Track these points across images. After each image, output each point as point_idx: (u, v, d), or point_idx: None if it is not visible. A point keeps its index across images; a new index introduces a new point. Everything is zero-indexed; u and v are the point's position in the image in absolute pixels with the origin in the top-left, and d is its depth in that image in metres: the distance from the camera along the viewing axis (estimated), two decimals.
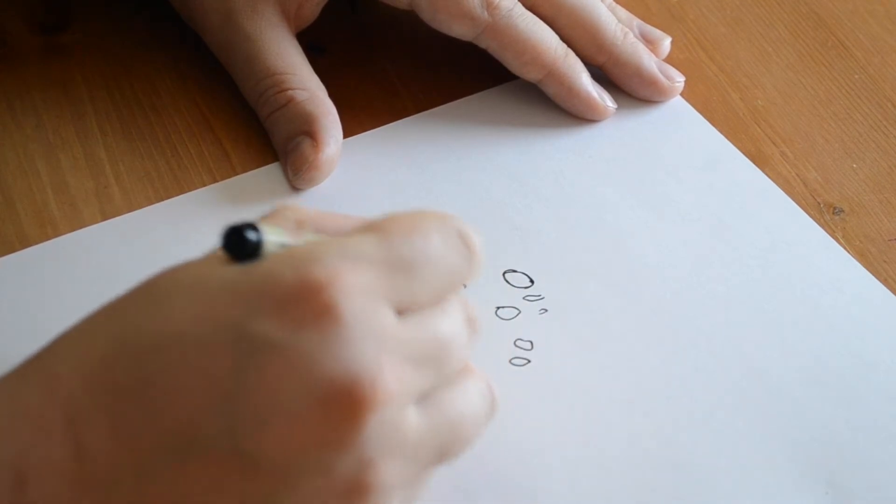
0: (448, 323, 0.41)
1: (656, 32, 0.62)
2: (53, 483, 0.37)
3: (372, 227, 0.40)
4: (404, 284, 0.39)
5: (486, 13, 0.58)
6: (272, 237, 0.39)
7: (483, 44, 0.59)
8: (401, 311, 0.39)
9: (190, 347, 0.37)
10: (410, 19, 0.60)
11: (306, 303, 0.37)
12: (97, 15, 0.65)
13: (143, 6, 0.65)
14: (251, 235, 0.38)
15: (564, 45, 0.60)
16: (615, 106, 0.60)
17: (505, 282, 0.53)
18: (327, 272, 0.37)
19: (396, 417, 0.38)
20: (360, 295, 0.37)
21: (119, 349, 0.37)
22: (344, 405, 0.36)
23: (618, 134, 0.60)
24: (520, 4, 0.59)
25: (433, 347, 0.40)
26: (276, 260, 0.38)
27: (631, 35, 0.61)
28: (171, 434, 0.37)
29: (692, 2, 0.67)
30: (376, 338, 0.37)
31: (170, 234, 0.55)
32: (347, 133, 0.59)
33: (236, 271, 0.38)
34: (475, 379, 0.42)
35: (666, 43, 0.62)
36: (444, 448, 0.41)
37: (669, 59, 0.62)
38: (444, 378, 0.41)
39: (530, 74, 0.59)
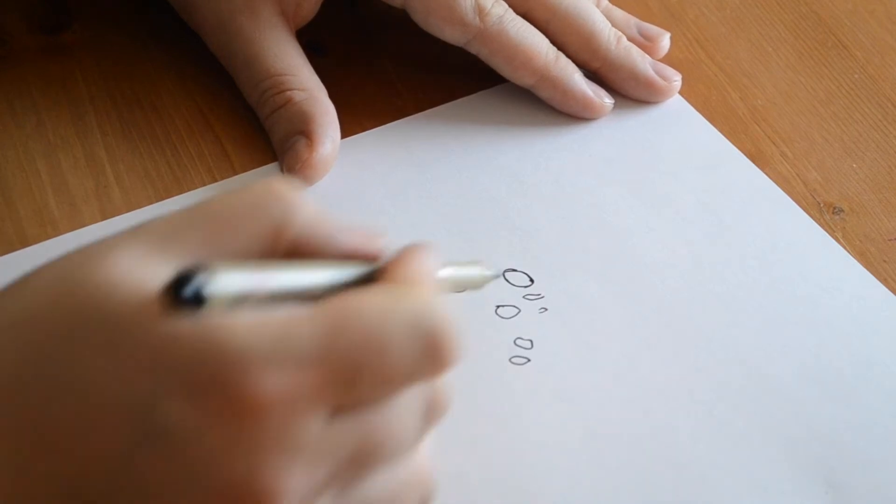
0: (390, 420, 0.37)
1: (655, 29, 0.62)
2: None
3: (328, 313, 0.36)
4: (343, 388, 0.35)
5: (477, 19, 0.58)
6: (223, 290, 0.34)
7: (474, 50, 0.59)
8: (338, 409, 0.36)
9: (93, 406, 0.35)
10: (410, 19, 0.60)
11: (224, 399, 0.34)
12: (97, 15, 0.65)
13: (143, 6, 0.65)
14: (189, 294, 0.34)
15: (555, 49, 0.60)
16: (612, 101, 0.60)
17: (505, 281, 0.53)
18: (254, 372, 0.34)
19: None
20: (280, 406, 0.34)
21: (26, 379, 0.35)
22: None
23: (618, 134, 0.60)
24: (511, 10, 0.59)
25: (363, 448, 0.37)
26: (206, 343, 0.34)
27: (624, 39, 0.61)
28: (59, 480, 0.35)
29: (692, 1, 0.67)
30: (288, 448, 0.35)
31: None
32: (347, 133, 0.59)
33: (163, 334, 0.34)
34: (412, 468, 0.39)
35: (665, 39, 0.62)
36: None
37: (669, 58, 0.62)
38: (371, 473, 0.38)
39: (522, 80, 0.59)
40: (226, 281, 0.34)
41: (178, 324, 0.34)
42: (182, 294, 0.33)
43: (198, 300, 0.34)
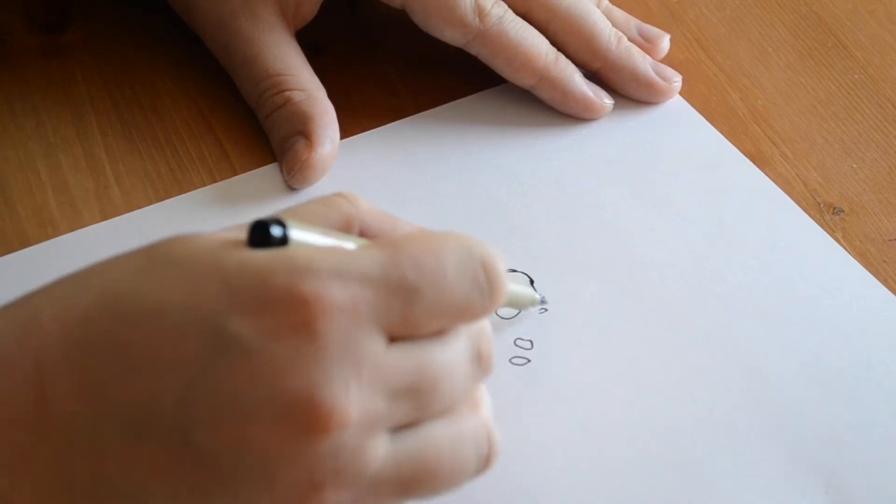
0: (445, 356, 0.39)
1: (655, 31, 0.62)
2: (11, 425, 0.37)
3: (389, 243, 0.39)
4: (401, 309, 0.38)
5: (477, 20, 0.58)
6: (299, 235, 0.39)
7: (474, 51, 0.59)
8: (395, 336, 0.38)
9: (167, 326, 0.37)
10: (410, 19, 0.60)
11: (287, 314, 0.36)
12: (97, 15, 0.65)
13: (143, 6, 0.65)
14: (275, 231, 0.38)
15: (555, 50, 0.60)
16: (612, 102, 0.60)
17: None
18: (316, 287, 0.37)
19: (357, 445, 0.37)
20: (343, 316, 0.37)
21: (102, 307, 0.37)
22: (299, 422, 0.36)
23: (618, 134, 0.60)
24: (510, 11, 0.59)
25: (420, 380, 0.38)
26: (275, 259, 0.37)
27: (625, 39, 0.61)
28: (130, 405, 0.36)
29: (692, 1, 0.67)
30: (350, 363, 0.37)
31: (169, 234, 0.55)
32: (347, 133, 0.59)
33: (235, 259, 0.37)
34: (474, 422, 0.41)
35: (665, 41, 0.62)
36: (407, 486, 0.39)
37: (669, 59, 0.62)
38: (429, 413, 0.39)
39: (522, 80, 0.59)
40: (300, 231, 0.39)
41: (252, 252, 0.38)
42: (265, 232, 0.38)
43: (276, 240, 0.38)
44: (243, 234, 0.39)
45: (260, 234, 0.38)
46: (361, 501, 0.38)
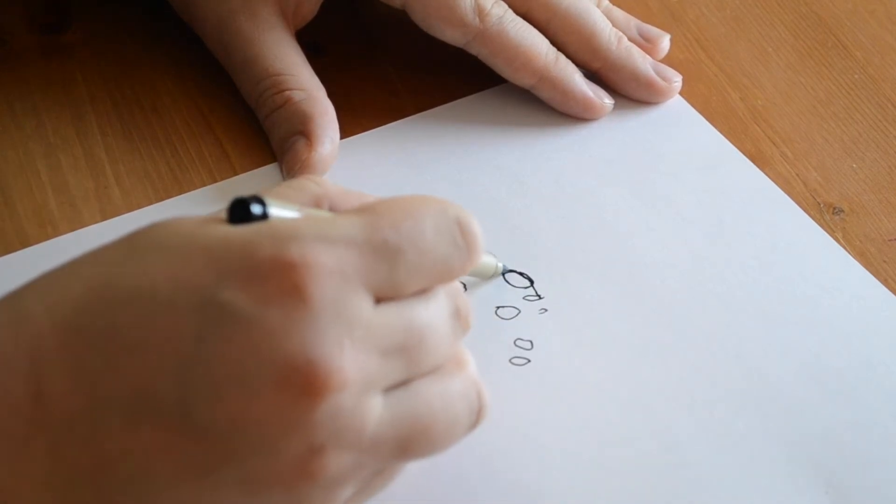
0: (429, 313, 0.40)
1: (655, 31, 0.62)
2: (9, 418, 0.37)
3: (366, 209, 0.40)
4: (385, 270, 0.39)
5: (477, 20, 0.58)
6: (277, 212, 0.39)
7: (474, 50, 0.59)
8: (381, 298, 0.39)
9: (158, 306, 0.37)
10: (410, 19, 0.60)
11: (276, 280, 0.37)
12: (97, 15, 0.65)
13: (143, 6, 0.65)
14: (255, 209, 0.39)
15: (555, 50, 0.60)
16: (612, 102, 0.60)
17: (505, 282, 0.53)
18: (302, 251, 0.37)
19: (354, 406, 0.38)
20: (331, 278, 0.37)
21: (93, 297, 0.37)
22: (298, 386, 0.36)
23: (618, 134, 0.60)
24: (510, 11, 0.59)
25: (408, 337, 0.39)
26: (259, 231, 0.38)
27: (625, 39, 0.61)
28: (128, 390, 0.37)
29: (692, 1, 0.67)
30: (342, 323, 0.37)
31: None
32: (347, 133, 0.59)
33: (219, 235, 0.38)
34: (462, 379, 0.42)
35: (665, 41, 0.62)
36: (405, 444, 0.40)
37: (669, 59, 0.62)
38: (419, 371, 0.40)
39: (522, 80, 0.59)
40: (278, 207, 0.39)
41: (235, 227, 0.38)
42: (245, 210, 0.38)
43: (256, 216, 0.39)
44: (223, 216, 0.39)
45: (240, 212, 0.39)
46: (362, 464, 0.39)
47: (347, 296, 0.37)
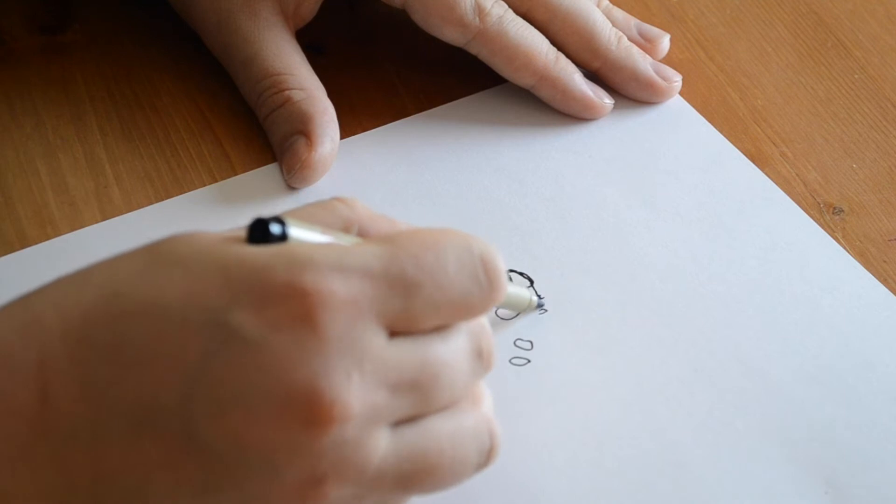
0: (446, 350, 0.39)
1: (654, 31, 0.62)
2: (13, 422, 0.37)
3: (389, 239, 0.39)
4: (401, 304, 0.38)
5: (477, 20, 0.58)
6: (297, 233, 0.39)
7: (474, 50, 0.59)
8: (396, 332, 0.38)
9: (169, 321, 0.37)
10: (410, 19, 0.60)
11: (288, 306, 0.36)
12: (97, 15, 0.65)
13: (143, 6, 0.65)
14: (275, 229, 0.38)
15: (555, 49, 0.60)
16: (612, 101, 0.60)
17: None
18: (316, 279, 0.37)
19: (359, 438, 0.37)
20: (343, 309, 0.37)
21: (104, 306, 0.37)
22: (301, 414, 0.36)
23: (618, 134, 0.60)
24: (510, 10, 0.59)
25: (422, 373, 0.39)
26: (276, 255, 0.38)
27: (625, 39, 0.61)
28: (132, 402, 0.37)
29: (692, 1, 0.67)
30: (351, 355, 0.37)
31: (169, 234, 0.55)
32: (347, 133, 0.59)
33: (237, 255, 0.38)
34: (475, 417, 0.41)
35: (665, 41, 0.62)
36: (409, 481, 0.39)
37: (669, 59, 0.62)
38: (431, 408, 0.39)
39: (522, 80, 0.59)
40: (299, 228, 0.39)
41: (253, 248, 0.38)
42: (264, 230, 0.38)
43: (275, 237, 0.38)
44: (243, 234, 0.39)
45: (259, 232, 0.38)
46: (363, 497, 0.39)
47: (359, 328, 0.37)
